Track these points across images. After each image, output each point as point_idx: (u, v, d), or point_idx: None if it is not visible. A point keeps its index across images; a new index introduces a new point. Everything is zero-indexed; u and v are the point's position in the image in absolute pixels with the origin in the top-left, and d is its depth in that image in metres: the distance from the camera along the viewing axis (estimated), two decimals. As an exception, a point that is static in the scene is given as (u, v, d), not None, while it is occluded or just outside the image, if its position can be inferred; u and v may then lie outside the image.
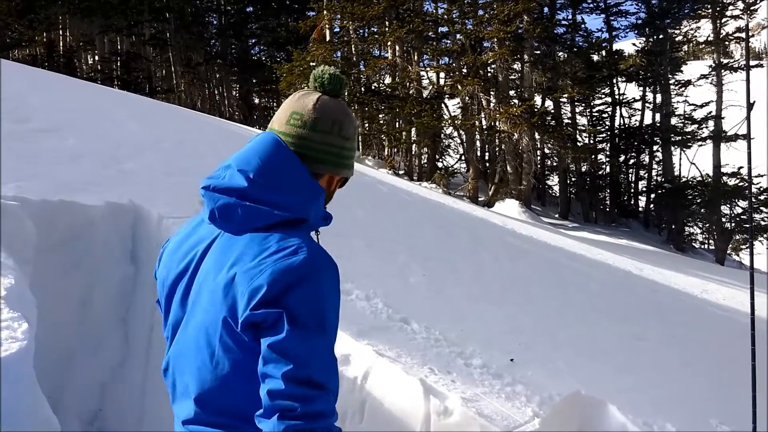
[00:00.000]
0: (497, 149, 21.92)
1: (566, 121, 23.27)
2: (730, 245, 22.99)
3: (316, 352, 1.19)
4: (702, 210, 22.04)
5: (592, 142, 24.32)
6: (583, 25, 23.77)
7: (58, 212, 3.58)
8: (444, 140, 22.72)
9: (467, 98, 19.13)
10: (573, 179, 24.20)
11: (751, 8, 20.93)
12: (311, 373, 1.17)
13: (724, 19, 21.77)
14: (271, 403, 1.16)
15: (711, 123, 21.79)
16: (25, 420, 2.04)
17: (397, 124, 21.49)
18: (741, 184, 20.12)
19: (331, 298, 1.26)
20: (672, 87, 23.31)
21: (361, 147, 22.02)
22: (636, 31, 24.48)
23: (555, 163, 24.81)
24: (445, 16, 20.41)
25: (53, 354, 3.13)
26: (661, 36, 23.42)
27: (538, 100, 21.01)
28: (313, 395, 1.16)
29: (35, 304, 2.66)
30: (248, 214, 1.30)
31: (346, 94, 1.46)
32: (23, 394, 2.09)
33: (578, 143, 22.30)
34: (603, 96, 24.70)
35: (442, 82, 22.53)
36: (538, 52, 20.68)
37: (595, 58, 23.79)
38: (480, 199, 18.99)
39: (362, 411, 3.09)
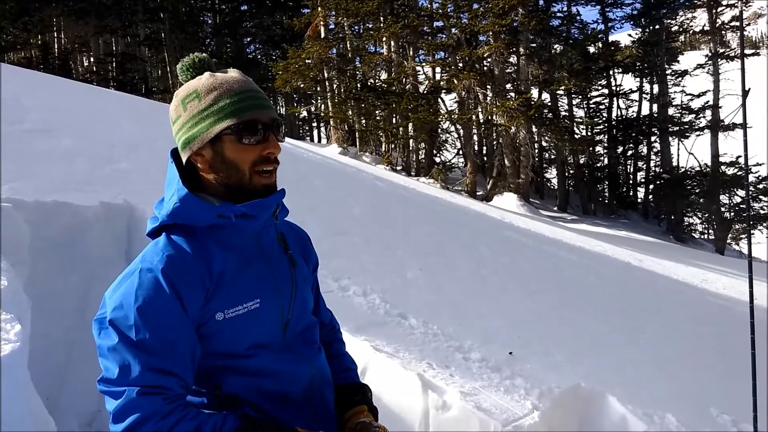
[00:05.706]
0: (495, 143, 21.86)
1: (563, 113, 23.23)
2: (730, 234, 22.96)
3: None
4: (701, 200, 22.03)
5: (589, 134, 24.29)
6: (578, 17, 23.73)
7: (52, 213, 3.56)
8: (441, 135, 22.66)
9: (463, 92, 19.10)
10: (571, 172, 24.17)
11: (746, -3, 20.90)
12: None
13: (719, 9, 21.71)
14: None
15: (708, 113, 21.77)
16: (20, 423, 2.02)
17: (393, 119, 21.43)
18: (739, 173, 20.09)
19: None
20: (669, 77, 23.28)
21: (358, 143, 21.98)
22: (632, 22, 24.44)
23: (553, 156, 24.78)
24: (440, 11, 20.35)
25: (50, 355, 3.11)
26: (657, 26, 23.37)
27: (534, 93, 20.94)
28: None
29: (30, 305, 2.64)
30: None
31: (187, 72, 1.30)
32: (18, 397, 2.08)
33: (576, 135, 22.25)
34: (600, 88, 24.67)
35: (438, 76, 22.47)
36: (534, 44, 20.63)
37: (591, 49, 23.71)
38: (478, 193, 18.96)
39: (361, 407, 3.07)
